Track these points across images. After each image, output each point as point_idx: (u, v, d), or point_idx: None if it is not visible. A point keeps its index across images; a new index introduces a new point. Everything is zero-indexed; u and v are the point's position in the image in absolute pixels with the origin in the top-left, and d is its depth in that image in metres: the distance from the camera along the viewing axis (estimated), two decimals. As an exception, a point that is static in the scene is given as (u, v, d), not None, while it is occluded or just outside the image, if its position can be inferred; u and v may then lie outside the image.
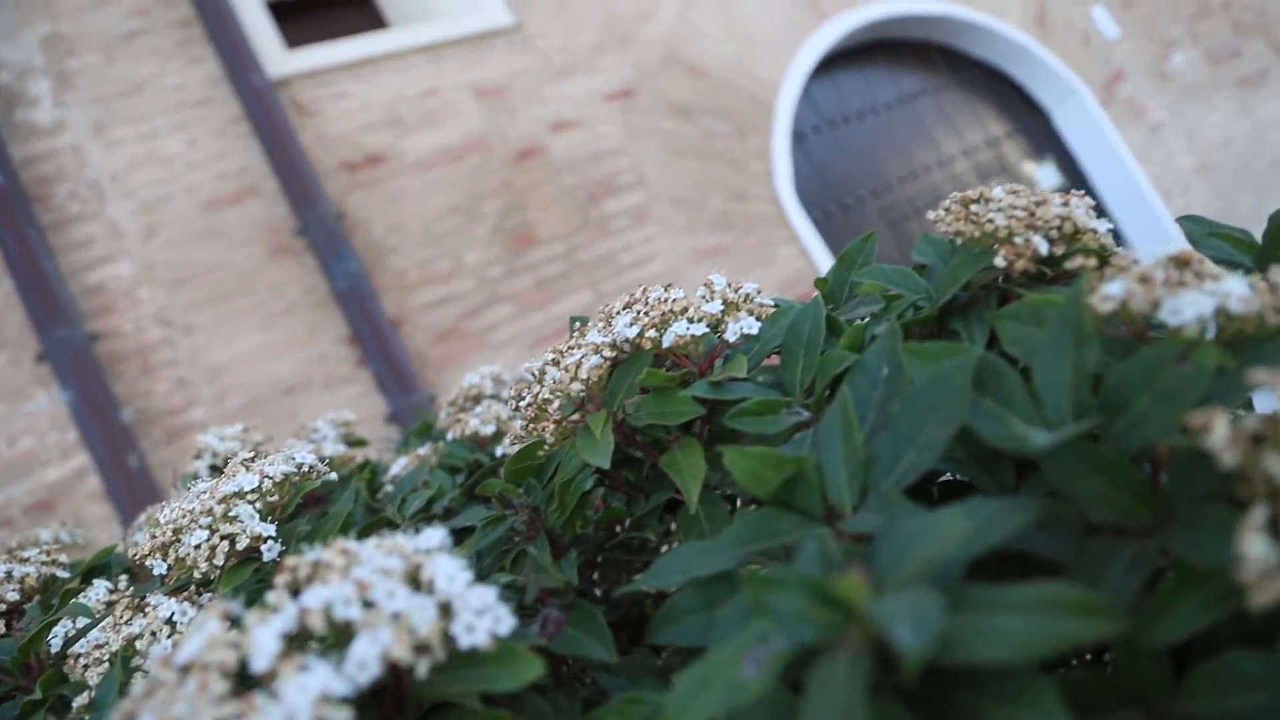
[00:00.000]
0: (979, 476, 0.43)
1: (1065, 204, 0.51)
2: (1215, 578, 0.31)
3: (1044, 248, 0.48)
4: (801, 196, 3.93)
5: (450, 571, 0.38)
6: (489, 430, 1.02)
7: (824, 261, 3.63)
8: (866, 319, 0.58)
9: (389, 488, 1.08)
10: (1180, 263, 0.42)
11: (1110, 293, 0.39)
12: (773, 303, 0.64)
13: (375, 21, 3.75)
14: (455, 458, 1.04)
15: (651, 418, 0.53)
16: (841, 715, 0.26)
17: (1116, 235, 4.85)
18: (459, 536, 0.79)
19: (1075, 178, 5.07)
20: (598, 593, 0.79)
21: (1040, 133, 5.09)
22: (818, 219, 3.97)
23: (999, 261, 0.47)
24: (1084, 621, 0.28)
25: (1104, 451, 0.35)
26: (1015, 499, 0.33)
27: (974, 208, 0.51)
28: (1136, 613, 0.32)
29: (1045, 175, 5.04)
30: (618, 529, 0.72)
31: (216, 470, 1.14)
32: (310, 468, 0.64)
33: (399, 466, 1.10)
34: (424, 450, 1.10)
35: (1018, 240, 0.48)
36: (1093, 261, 0.43)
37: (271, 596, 0.38)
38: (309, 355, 2.80)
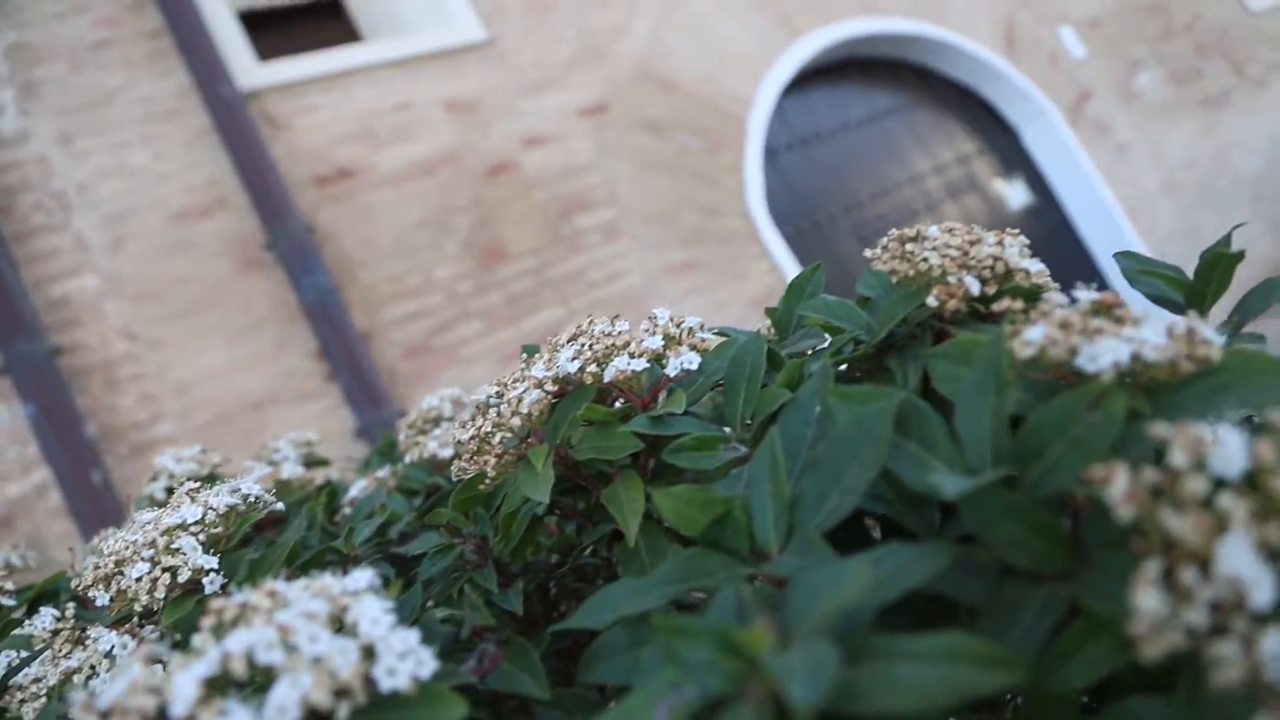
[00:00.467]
0: (906, 516, 0.43)
1: (999, 243, 0.52)
2: (1119, 624, 0.31)
3: (975, 288, 0.49)
4: (774, 213, 3.96)
5: (374, 614, 0.38)
6: (447, 453, 1.02)
7: (795, 277, 3.64)
8: (809, 353, 0.58)
9: (348, 509, 1.08)
10: (1103, 307, 0.43)
11: (1030, 339, 0.39)
12: (716, 334, 0.65)
13: (349, 34, 3.74)
14: (413, 480, 1.04)
15: (592, 452, 0.53)
16: (742, 768, 0.26)
17: (1083, 254, 4.91)
18: (413, 562, 0.79)
19: (1044, 195, 5.14)
20: (556, 615, 0.79)
21: (1010, 151, 5.16)
22: (790, 235, 4.00)
23: (931, 301, 0.48)
24: (985, 671, 0.28)
25: (1018, 497, 0.36)
26: (928, 545, 0.34)
27: (909, 246, 0.51)
28: (1044, 657, 0.33)
29: (1015, 193, 5.10)
30: (568, 556, 0.72)
31: (173, 493, 1.12)
32: (256, 498, 0.64)
33: (358, 489, 1.09)
34: (383, 473, 1.09)
35: (950, 279, 0.49)
36: (1019, 304, 0.44)
37: (197, 640, 0.38)
38: (277, 370, 2.78)
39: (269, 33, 3.44)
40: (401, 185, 3.10)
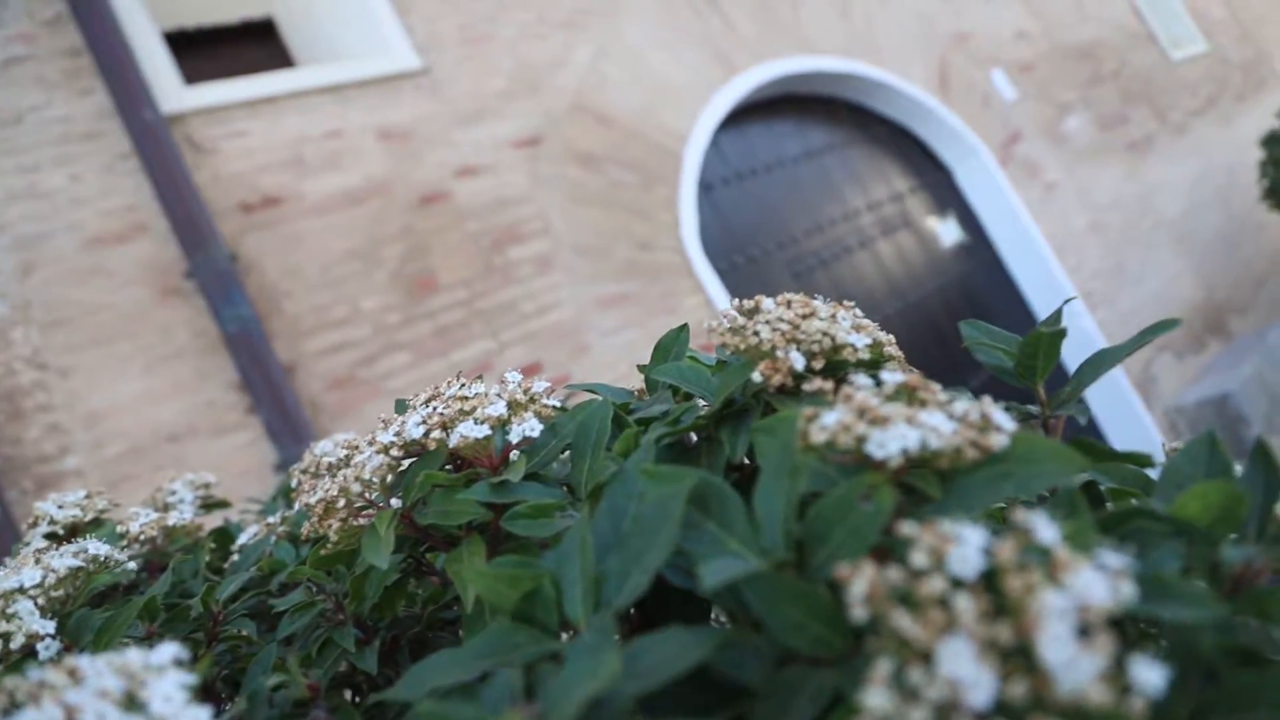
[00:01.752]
0: (722, 596, 0.44)
1: (831, 317, 0.53)
2: (874, 714, 0.32)
3: (800, 363, 0.50)
4: (708, 247, 4.01)
5: (167, 692, 0.37)
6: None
7: (728, 311, 3.68)
8: (656, 417, 0.59)
9: (237, 556, 1.06)
10: (907, 390, 0.45)
11: (824, 424, 0.41)
12: (587, 390, 0.66)
13: (281, 58, 3.71)
14: (302, 528, 1.02)
15: (435, 517, 0.54)
16: None
17: (1014, 290, 5.03)
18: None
19: (976, 233, 5.28)
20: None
21: (943, 189, 5.29)
22: (724, 270, 4.05)
23: (756, 376, 0.50)
24: (726, 768, 0.29)
25: (799, 582, 0.37)
26: (697, 631, 0.35)
27: (742, 319, 0.53)
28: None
29: (948, 230, 5.23)
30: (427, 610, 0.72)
31: (54, 538, 1.09)
32: (105, 558, 0.63)
33: (248, 535, 1.07)
34: (275, 518, 1.08)
35: (779, 354, 0.51)
36: (829, 384, 0.45)
37: (-18, 724, 0.37)
38: (196, 401, 2.72)
39: (197, 54, 3.40)
40: (330, 214, 3.07)
